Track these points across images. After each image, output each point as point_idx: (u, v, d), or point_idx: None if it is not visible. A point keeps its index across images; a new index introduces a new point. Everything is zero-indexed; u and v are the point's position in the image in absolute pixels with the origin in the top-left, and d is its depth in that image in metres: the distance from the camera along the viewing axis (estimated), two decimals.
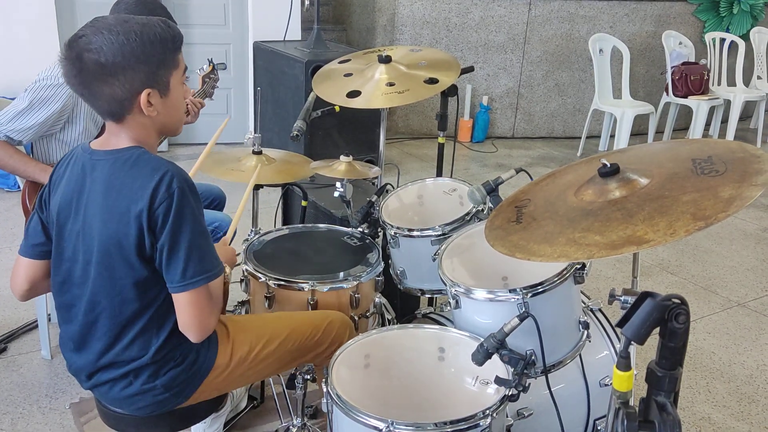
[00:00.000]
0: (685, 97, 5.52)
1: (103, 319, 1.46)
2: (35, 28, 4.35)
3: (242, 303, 2.01)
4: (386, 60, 2.18)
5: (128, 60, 1.36)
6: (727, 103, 5.74)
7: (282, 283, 1.85)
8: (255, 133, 2.20)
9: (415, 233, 1.96)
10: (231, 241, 1.88)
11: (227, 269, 1.64)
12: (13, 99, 2.32)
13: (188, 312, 1.41)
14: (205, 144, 2.10)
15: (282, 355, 1.68)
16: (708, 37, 5.95)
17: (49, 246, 1.54)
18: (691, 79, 5.48)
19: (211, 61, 2.79)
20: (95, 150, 1.45)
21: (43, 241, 1.55)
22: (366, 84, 2.15)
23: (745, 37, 6.03)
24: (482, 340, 1.44)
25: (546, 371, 1.59)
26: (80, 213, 1.43)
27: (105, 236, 1.39)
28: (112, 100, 1.38)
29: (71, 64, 1.36)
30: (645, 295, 1.05)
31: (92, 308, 1.46)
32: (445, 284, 1.67)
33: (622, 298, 1.18)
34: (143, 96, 1.39)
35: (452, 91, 2.25)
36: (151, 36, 1.39)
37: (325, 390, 1.45)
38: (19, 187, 3.89)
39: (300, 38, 4.98)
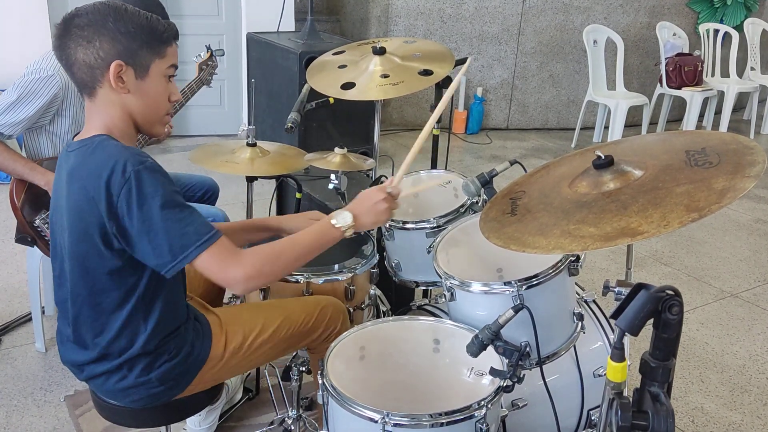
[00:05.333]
0: (679, 88, 5.53)
1: (86, 310, 1.46)
2: (26, 20, 4.32)
3: (236, 296, 2.01)
4: (380, 52, 2.17)
5: (108, 29, 1.37)
6: (721, 95, 5.75)
7: None
8: (249, 124, 2.19)
9: (409, 225, 1.96)
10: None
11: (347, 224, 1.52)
12: (2, 91, 2.30)
13: (210, 277, 1.38)
14: (199, 135, 2.09)
15: (276, 342, 1.68)
16: (702, 28, 5.95)
17: None
18: (685, 71, 5.49)
19: (209, 48, 2.77)
20: (71, 142, 1.46)
21: None
22: (360, 76, 2.14)
23: (739, 28, 6.03)
24: (477, 331, 1.44)
25: (540, 362, 1.59)
26: (59, 207, 1.45)
27: (73, 228, 1.40)
28: (84, 67, 1.38)
29: (59, 31, 1.39)
30: (639, 287, 1.05)
31: (74, 300, 1.46)
32: (440, 277, 1.67)
33: (616, 290, 1.19)
34: (113, 67, 1.38)
35: (447, 82, 2.24)
36: (142, 19, 1.41)
37: (320, 382, 1.45)
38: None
39: (294, 29, 4.95)
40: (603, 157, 1.33)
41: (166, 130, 1.78)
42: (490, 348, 1.44)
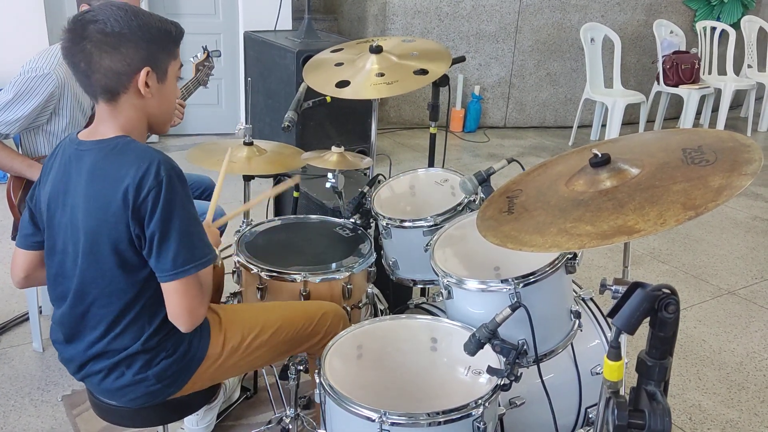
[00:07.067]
0: (676, 86, 5.53)
1: (96, 309, 1.45)
2: (23, 20, 4.31)
3: (234, 294, 2.00)
4: (377, 50, 2.17)
5: (134, 34, 1.37)
6: (718, 92, 5.76)
7: (274, 274, 1.85)
8: (246, 123, 2.19)
9: (407, 224, 1.96)
10: (223, 227, 1.88)
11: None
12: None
13: (177, 301, 1.41)
14: (196, 135, 2.08)
15: (275, 345, 1.68)
16: (699, 25, 5.96)
17: (38, 237, 1.55)
18: (682, 68, 5.49)
19: (205, 49, 2.77)
20: (82, 141, 1.45)
21: (32, 232, 1.55)
22: (356, 74, 2.14)
23: (736, 25, 6.03)
24: (474, 330, 1.44)
25: (538, 361, 1.59)
26: (67, 205, 1.43)
27: (91, 226, 1.39)
28: (110, 73, 1.37)
29: (74, 35, 1.36)
30: (635, 286, 1.05)
31: (81, 299, 1.45)
32: (437, 275, 1.67)
33: (613, 288, 1.19)
34: (143, 74, 1.39)
35: (444, 81, 2.24)
36: (156, 22, 1.42)
37: (317, 381, 1.45)
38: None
39: (291, 28, 4.95)
40: (600, 155, 1.33)
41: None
42: (488, 346, 1.44)
